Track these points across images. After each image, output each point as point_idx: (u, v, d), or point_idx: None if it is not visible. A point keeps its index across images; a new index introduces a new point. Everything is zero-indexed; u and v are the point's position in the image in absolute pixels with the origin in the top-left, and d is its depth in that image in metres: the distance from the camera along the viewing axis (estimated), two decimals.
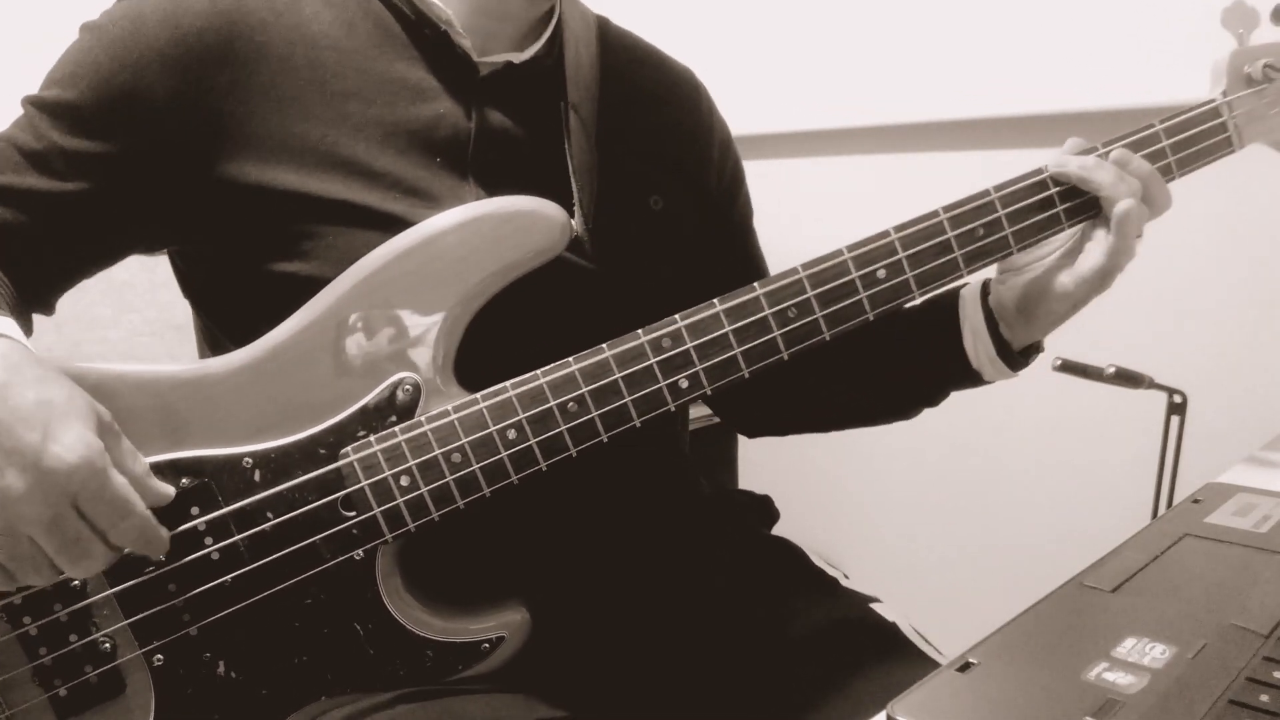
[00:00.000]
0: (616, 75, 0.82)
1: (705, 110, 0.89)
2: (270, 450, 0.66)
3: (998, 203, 0.71)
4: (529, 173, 0.74)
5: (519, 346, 0.69)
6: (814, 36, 1.68)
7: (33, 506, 0.55)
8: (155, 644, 0.65)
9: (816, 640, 0.77)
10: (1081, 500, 1.42)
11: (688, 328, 0.68)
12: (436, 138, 0.72)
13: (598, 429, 0.68)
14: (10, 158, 0.70)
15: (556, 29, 0.79)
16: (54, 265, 0.73)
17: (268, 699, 0.67)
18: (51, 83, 0.71)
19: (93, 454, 0.57)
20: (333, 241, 0.68)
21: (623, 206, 0.78)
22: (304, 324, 0.67)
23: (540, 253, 0.69)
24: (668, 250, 0.80)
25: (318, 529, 0.66)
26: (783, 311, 0.69)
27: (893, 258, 0.70)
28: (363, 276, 0.67)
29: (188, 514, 0.64)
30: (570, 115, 0.76)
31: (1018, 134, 1.43)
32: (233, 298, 0.74)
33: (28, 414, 0.56)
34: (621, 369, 0.68)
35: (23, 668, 0.63)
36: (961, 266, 0.71)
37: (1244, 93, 0.75)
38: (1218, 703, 0.47)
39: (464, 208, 0.69)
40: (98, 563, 0.59)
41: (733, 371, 0.69)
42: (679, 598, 0.80)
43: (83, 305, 1.62)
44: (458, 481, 0.66)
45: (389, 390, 0.67)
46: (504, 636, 0.69)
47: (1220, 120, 0.74)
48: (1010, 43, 1.40)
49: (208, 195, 0.69)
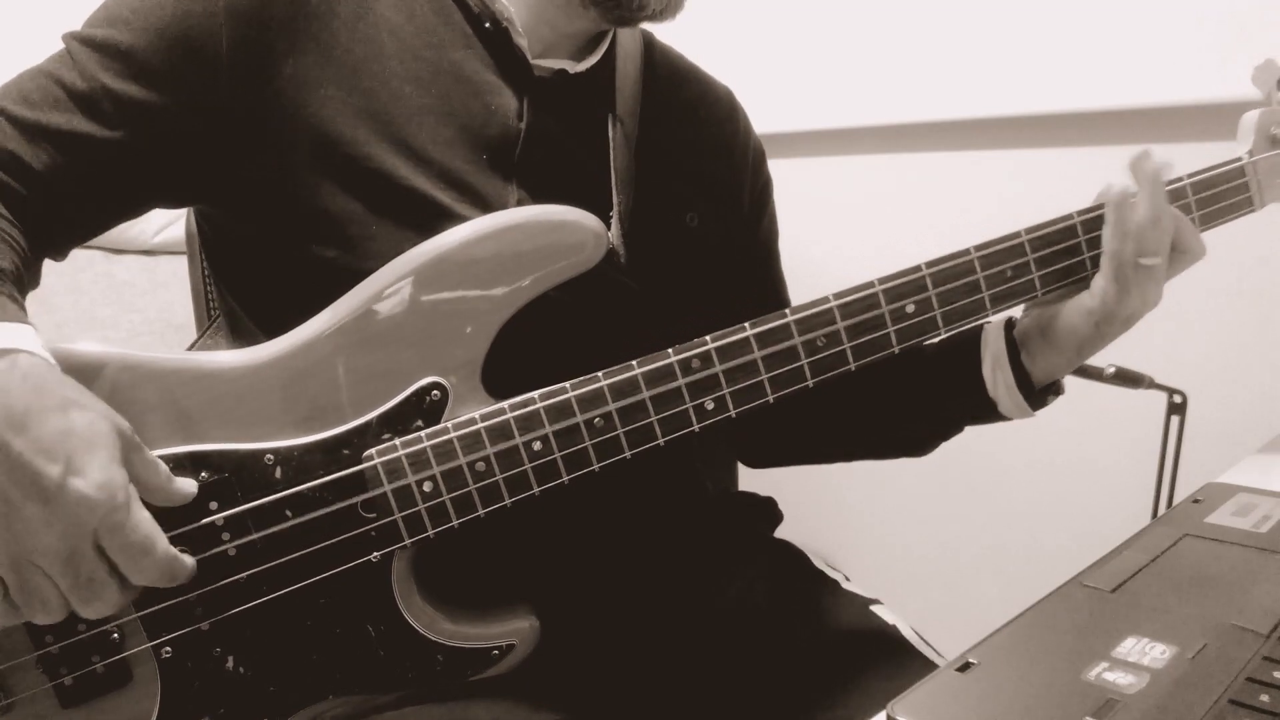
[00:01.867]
0: (659, 91, 0.82)
1: (742, 129, 0.89)
2: (293, 448, 0.65)
3: (1027, 246, 0.72)
4: (571, 180, 0.74)
5: (548, 356, 0.69)
6: (821, 37, 1.67)
7: (51, 540, 0.53)
8: (165, 637, 0.64)
9: (818, 642, 0.79)
10: (1081, 500, 1.43)
11: (718, 350, 0.68)
12: (486, 134, 0.71)
13: (623, 446, 0.68)
14: (52, 94, 0.66)
15: (611, 44, 0.79)
16: (83, 212, 0.70)
17: (275, 695, 0.66)
18: (103, 21, 0.67)
19: (115, 488, 0.54)
20: (376, 232, 0.67)
21: (659, 222, 0.78)
22: (333, 323, 0.66)
23: (577, 264, 0.68)
24: (700, 268, 0.81)
25: (337, 530, 0.65)
26: (812, 340, 0.70)
27: (923, 294, 0.71)
28: (395, 278, 0.66)
29: (206, 508, 0.63)
30: (616, 127, 0.76)
31: (1020, 134, 1.43)
32: (261, 276, 0.73)
33: (50, 444, 0.53)
34: (650, 388, 0.68)
35: (28, 655, 0.62)
36: (988, 306, 0.72)
37: (1269, 154, 0.76)
38: (1218, 703, 0.47)
39: (502, 214, 0.68)
40: (110, 604, 0.57)
41: (759, 397, 0.70)
42: (683, 600, 0.81)
43: (83, 305, 1.57)
44: (480, 490, 0.66)
45: (416, 394, 0.66)
46: (514, 644, 0.70)
47: (1244, 180, 0.76)
48: (1017, 43, 1.40)
49: (253, 161, 0.67)
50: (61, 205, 0.67)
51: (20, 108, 0.66)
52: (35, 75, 0.67)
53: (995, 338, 0.77)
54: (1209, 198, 0.75)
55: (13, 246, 0.64)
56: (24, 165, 0.65)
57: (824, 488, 1.80)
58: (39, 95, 0.66)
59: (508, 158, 0.72)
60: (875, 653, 0.77)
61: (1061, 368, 0.76)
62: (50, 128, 0.65)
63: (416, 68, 0.70)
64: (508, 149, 0.72)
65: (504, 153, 0.72)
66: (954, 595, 1.64)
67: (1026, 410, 0.77)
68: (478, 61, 0.73)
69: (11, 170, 0.65)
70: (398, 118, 0.69)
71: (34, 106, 0.66)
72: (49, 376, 0.56)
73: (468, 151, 0.71)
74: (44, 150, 0.65)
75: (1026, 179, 1.39)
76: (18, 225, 0.65)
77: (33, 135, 0.65)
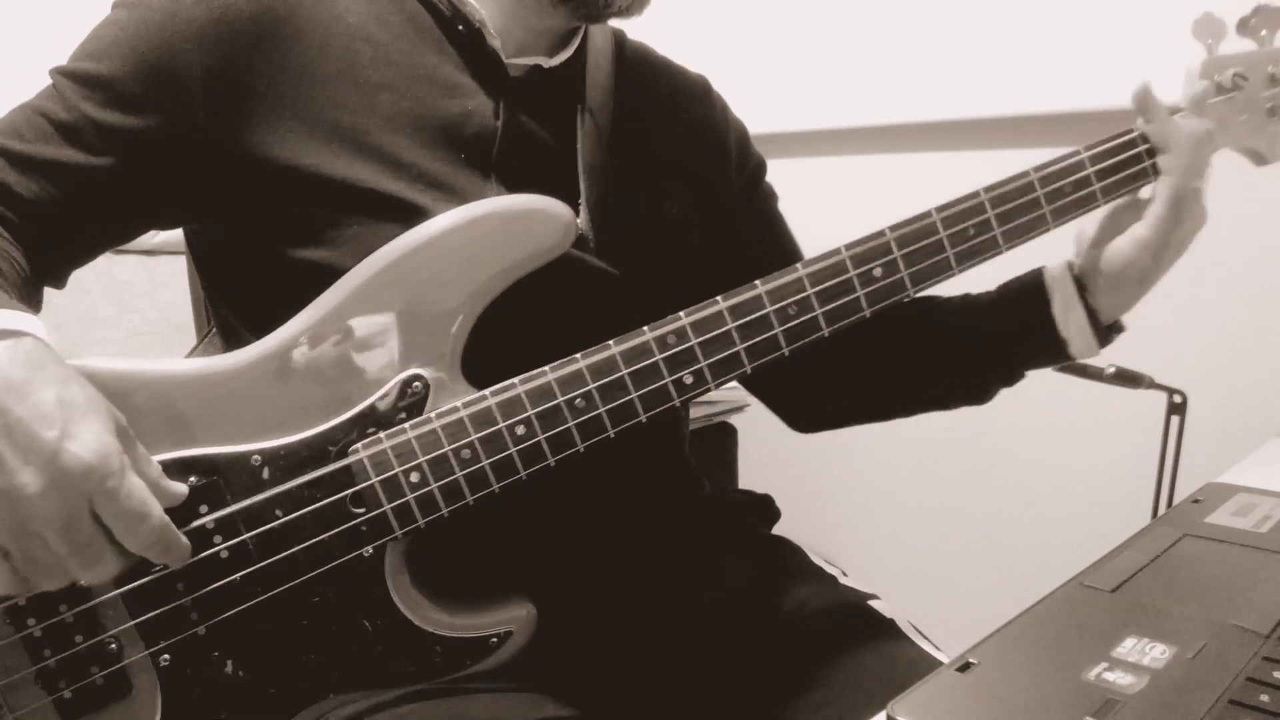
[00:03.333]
0: (632, 84, 0.84)
1: (719, 112, 0.91)
2: (279, 447, 0.66)
3: (988, 203, 0.74)
4: (544, 173, 0.75)
5: (527, 344, 0.70)
6: (815, 37, 1.69)
7: (48, 506, 0.54)
8: (162, 644, 0.64)
9: (815, 635, 0.79)
10: (1081, 500, 1.43)
11: (692, 325, 0.70)
12: (464, 134, 0.73)
13: (605, 425, 0.69)
14: (40, 127, 0.69)
15: (583, 40, 0.81)
16: (76, 239, 0.72)
17: (276, 697, 0.66)
18: (84, 55, 0.70)
19: (110, 454, 0.56)
20: (357, 231, 0.69)
21: (637, 212, 0.79)
22: (312, 321, 0.67)
23: (546, 250, 0.70)
24: (680, 255, 0.82)
25: (327, 526, 0.66)
26: (783, 309, 0.71)
27: (888, 256, 0.72)
28: (371, 274, 0.67)
29: (196, 512, 0.64)
30: (585, 118, 0.78)
31: (1018, 134, 1.45)
32: (251, 284, 0.74)
33: (48, 412, 0.55)
34: (628, 365, 0.69)
35: (26, 670, 0.62)
36: (954, 265, 0.74)
37: (1215, 99, 0.78)
38: (1218, 703, 0.47)
39: (470, 206, 0.69)
40: (110, 568, 0.58)
41: (736, 367, 0.71)
42: (681, 596, 0.81)
43: (83, 305, 1.59)
44: (467, 477, 0.67)
45: (398, 387, 0.67)
46: (511, 631, 0.70)
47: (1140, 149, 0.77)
48: (1010, 43, 1.43)
49: (236, 175, 0.69)
50: (56, 232, 0.70)
51: (12, 142, 0.69)
52: (25, 111, 0.70)
53: (1062, 279, 0.79)
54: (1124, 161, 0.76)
55: (17, 269, 0.67)
56: (18, 196, 0.68)
57: (823, 486, 1.80)
58: (29, 130, 0.69)
59: (485, 156, 0.73)
60: (873, 644, 0.77)
61: (1126, 302, 0.78)
62: (40, 159, 0.68)
63: (391, 74, 0.72)
64: (485, 148, 0.73)
65: (482, 151, 0.73)
66: (954, 596, 1.63)
67: (1094, 349, 0.79)
68: (453, 65, 0.75)
69: (8, 202, 0.68)
70: (372, 128, 0.71)
71: (25, 140, 0.69)
72: (50, 357, 0.58)
73: (447, 152, 0.72)
74: (35, 181, 0.68)
75: None
76: (19, 248, 0.68)
77: (24, 167, 0.68)
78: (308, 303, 0.67)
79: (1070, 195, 0.75)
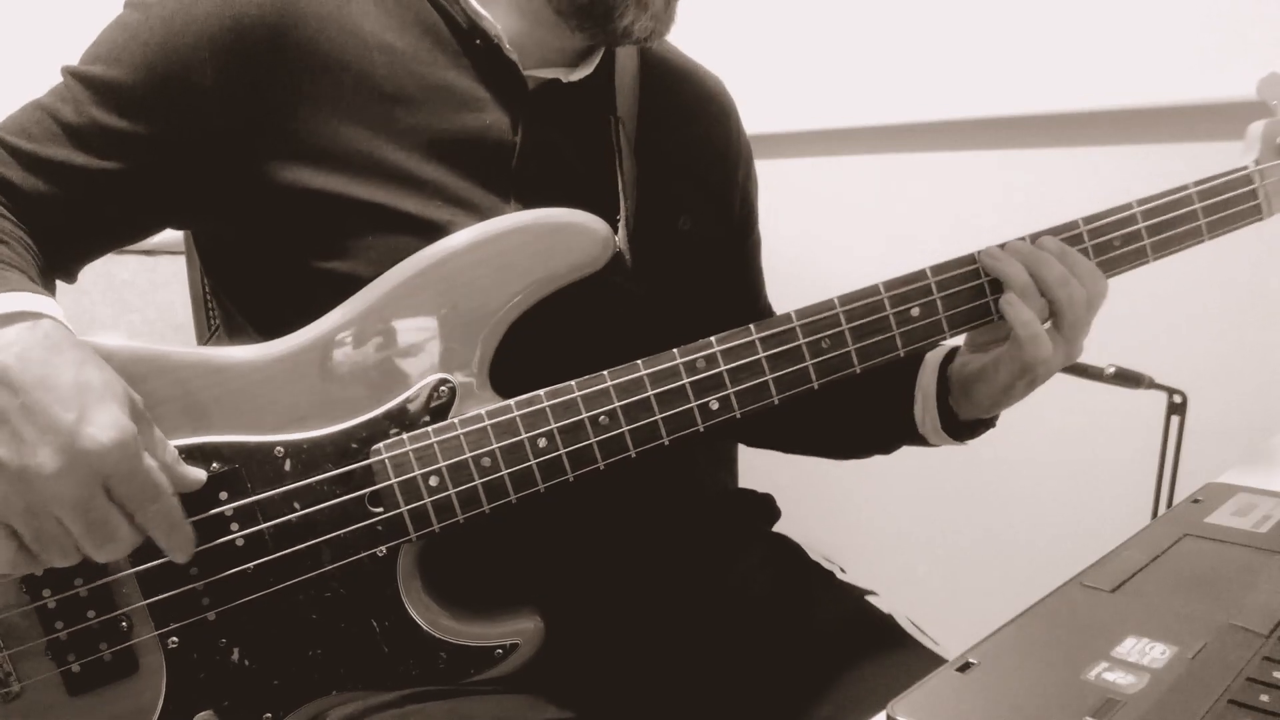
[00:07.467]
0: (656, 92, 0.83)
1: (735, 131, 0.91)
2: (303, 441, 0.66)
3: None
4: (569, 188, 0.74)
5: (554, 357, 0.69)
6: (821, 37, 1.69)
7: (64, 486, 0.55)
8: (172, 626, 0.65)
9: (815, 630, 0.79)
10: (1081, 500, 1.42)
11: (723, 352, 0.69)
12: (482, 149, 0.72)
13: (627, 444, 0.68)
14: (48, 128, 0.69)
15: (607, 52, 0.80)
16: (83, 238, 0.73)
17: (278, 689, 0.67)
18: (95, 58, 0.70)
19: (126, 436, 0.57)
20: (372, 243, 0.69)
21: (655, 225, 0.79)
22: (345, 320, 0.68)
23: (583, 266, 0.70)
24: (693, 271, 0.82)
25: (344, 523, 0.66)
26: (817, 342, 0.70)
27: (928, 298, 0.71)
28: (406, 277, 0.68)
29: (216, 499, 0.65)
30: (619, 130, 0.77)
31: (1018, 134, 1.43)
32: (263, 286, 0.74)
33: (65, 394, 0.56)
34: (655, 386, 0.68)
35: (38, 640, 0.63)
36: (992, 311, 0.73)
37: (1275, 163, 0.77)
38: (1218, 703, 0.47)
39: (507, 216, 0.69)
40: (122, 546, 0.59)
41: (764, 397, 0.70)
42: (682, 593, 0.82)
43: (83, 305, 1.62)
44: (485, 486, 0.67)
45: (425, 390, 0.67)
46: (518, 644, 0.70)
47: (1251, 188, 0.76)
48: (1016, 43, 1.42)
49: (245, 188, 0.69)
50: (62, 230, 0.71)
51: (20, 140, 0.70)
52: (34, 109, 0.71)
53: (929, 377, 0.79)
54: (1216, 205, 0.75)
55: (33, 256, 0.68)
56: (24, 193, 0.69)
57: (822, 485, 1.80)
58: (38, 129, 0.70)
59: (504, 170, 0.73)
60: (872, 640, 0.77)
61: (984, 410, 0.77)
62: (46, 159, 0.69)
63: (408, 87, 0.71)
64: (504, 162, 0.73)
65: (500, 166, 0.73)
66: (954, 595, 1.62)
67: (953, 444, 0.80)
68: (470, 78, 0.73)
69: (15, 198, 0.69)
70: (388, 144, 0.70)
71: (33, 139, 0.69)
72: (68, 339, 0.59)
73: (464, 167, 0.72)
74: (42, 180, 0.69)
75: (1026, 179, 1.39)
76: (33, 238, 0.69)
77: (31, 166, 0.69)
78: (322, 307, 0.67)
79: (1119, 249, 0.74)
